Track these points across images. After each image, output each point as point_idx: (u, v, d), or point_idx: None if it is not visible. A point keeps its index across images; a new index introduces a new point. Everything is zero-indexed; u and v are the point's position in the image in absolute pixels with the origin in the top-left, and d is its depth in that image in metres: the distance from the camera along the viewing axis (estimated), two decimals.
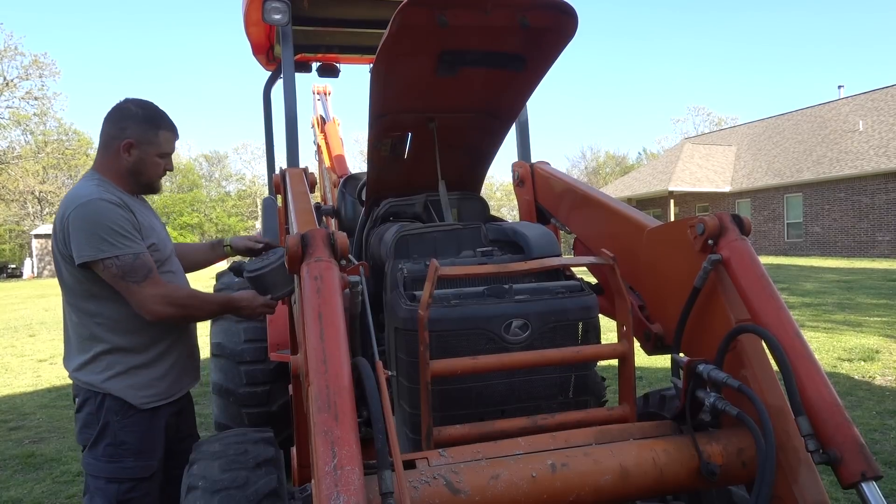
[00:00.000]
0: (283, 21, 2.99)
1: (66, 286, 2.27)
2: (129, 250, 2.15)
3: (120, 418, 2.26)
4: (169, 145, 2.41)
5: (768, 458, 1.39)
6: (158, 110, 2.40)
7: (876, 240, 23.65)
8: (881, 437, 4.46)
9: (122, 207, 2.20)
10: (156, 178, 2.41)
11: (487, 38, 2.15)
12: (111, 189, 2.26)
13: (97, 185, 2.24)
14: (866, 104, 28.05)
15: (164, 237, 2.44)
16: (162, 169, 2.41)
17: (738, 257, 1.73)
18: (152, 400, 2.32)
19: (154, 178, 2.40)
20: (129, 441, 2.25)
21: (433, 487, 1.37)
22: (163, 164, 2.40)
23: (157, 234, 2.37)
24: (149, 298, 2.16)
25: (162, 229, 2.48)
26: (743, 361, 1.64)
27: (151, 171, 2.37)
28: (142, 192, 2.43)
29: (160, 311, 2.18)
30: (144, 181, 2.38)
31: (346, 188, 3.86)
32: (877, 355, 7.01)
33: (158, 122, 2.37)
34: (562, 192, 2.70)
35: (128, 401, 2.26)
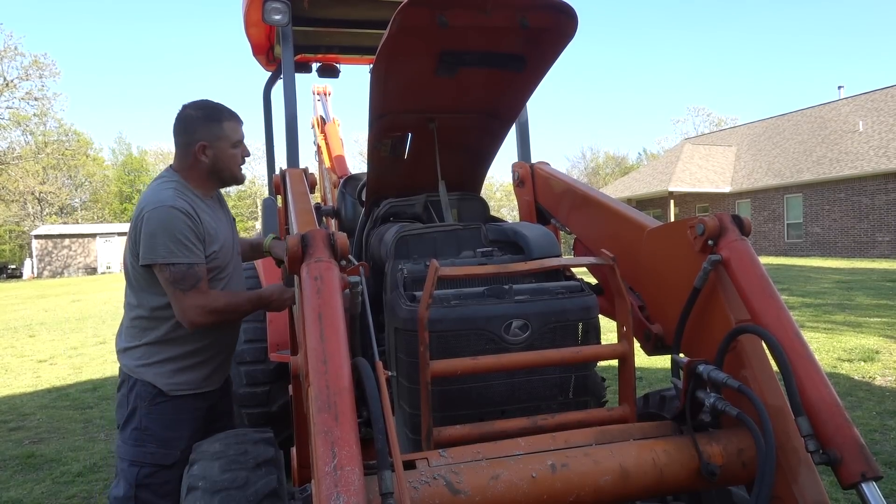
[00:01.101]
0: (283, 21, 2.99)
1: (128, 275, 2.43)
2: (185, 260, 2.28)
3: (147, 404, 2.35)
4: (236, 133, 2.49)
5: (768, 459, 1.40)
6: (214, 105, 2.49)
7: (876, 240, 23.65)
8: (881, 438, 4.46)
9: (191, 217, 2.32)
10: (236, 169, 2.52)
11: (487, 38, 2.15)
12: (187, 194, 2.39)
13: (174, 190, 2.35)
14: (866, 105, 28.06)
15: (228, 239, 2.53)
16: (240, 157, 2.52)
17: (738, 258, 1.73)
18: (182, 388, 2.41)
19: (235, 169, 2.52)
20: (153, 428, 2.33)
21: (433, 488, 1.37)
22: (239, 153, 2.51)
23: (221, 238, 2.47)
24: (189, 308, 2.28)
25: (228, 229, 2.56)
26: (743, 362, 1.64)
27: (230, 163, 2.49)
28: (226, 186, 2.58)
29: (197, 320, 2.30)
30: (227, 175, 2.51)
31: (347, 188, 3.86)
32: (877, 356, 7.01)
33: (218, 115, 2.46)
34: (562, 193, 2.70)
35: (157, 386, 2.37)
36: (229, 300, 2.40)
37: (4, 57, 38.49)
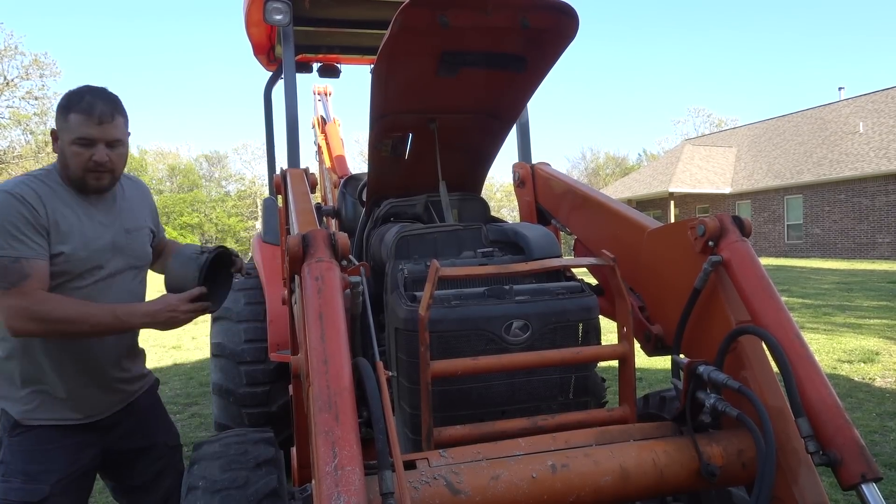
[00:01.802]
0: (284, 21, 3.00)
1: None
2: (9, 252, 1.95)
3: (7, 436, 2.11)
4: (80, 128, 2.03)
5: (768, 460, 1.40)
6: (77, 92, 2.08)
7: (876, 241, 23.65)
8: (881, 439, 4.46)
9: (30, 206, 1.99)
10: (78, 171, 2.06)
11: (488, 38, 2.15)
12: (48, 184, 2.07)
13: (32, 177, 2.07)
14: (867, 106, 28.06)
15: (99, 245, 2.15)
16: (84, 160, 2.05)
17: (739, 259, 1.73)
18: (36, 418, 2.12)
19: (76, 169, 2.06)
20: (15, 461, 2.07)
21: (433, 488, 1.37)
22: (85, 154, 2.05)
23: (80, 241, 2.09)
24: (7, 310, 1.95)
25: (104, 234, 2.18)
26: (743, 363, 1.64)
27: (71, 161, 2.06)
28: (78, 189, 2.13)
29: (17, 325, 1.97)
30: (71, 175, 2.09)
31: (347, 189, 3.86)
32: (877, 357, 7.01)
33: (69, 104, 2.04)
34: (562, 193, 2.70)
35: (11, 414, 2.11)
36: (64, 308, 1.99)
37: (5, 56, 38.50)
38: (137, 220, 2.33)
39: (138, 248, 2.32)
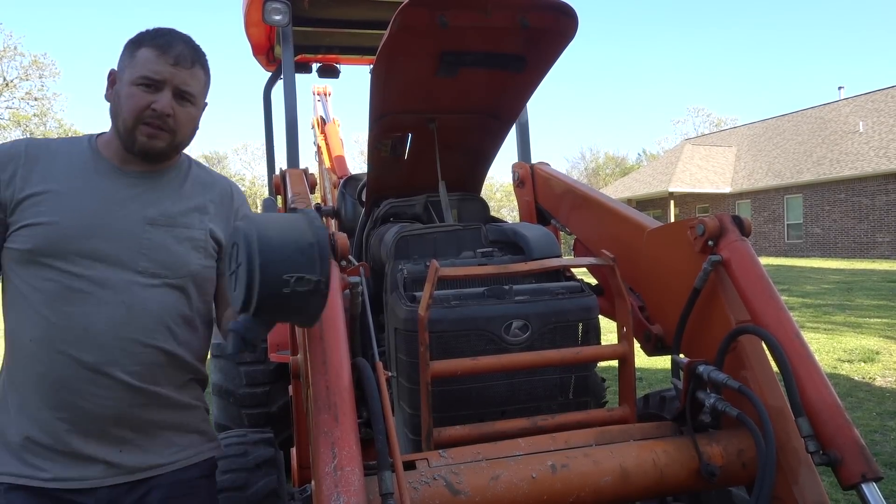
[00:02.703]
0: (283, 22, 3.00)
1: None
2: None
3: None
4: (148, 65, 1.52)
5: (768, 459, 1.40)
6: (157, 29, 1.60)
7: (876, 241, 23.65)
8: (881, 439, 4.46)
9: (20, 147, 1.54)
10: (129, 118, 1.52)
11: (488, 38, 2.15)
12: (72, 145, 1.61)
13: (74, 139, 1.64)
14: (866, 105, 28.06)
15: (95, 223, 1.50)
16: (142, 105, 1.51)
17: (739, 258, 1.73)
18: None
19: (127, 116, 1.52)
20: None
21: (433, 488, 1.37)
22: (144, 99, 1.51)
23: (72, 212, 1.49)
24: None
25: (113, 217, 1.53)
26: (743, 362, 1.64)
27: (125, 105, 1.53)
28: (131, 150, 1.57)
29: None
30: (120, 125, 1.55)
31: (347, 189, 3.86)
32: (877, 356, 7.01)
33: (143, 39, 1.57)
34: (562, 193, 2.70)
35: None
36: None
37: (4, 57, 38.51)
38: (188, 217, 1.61)
39: (172, 252, 1.56)
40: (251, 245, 1.17)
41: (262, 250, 1.16)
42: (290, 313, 1.26)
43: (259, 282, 1.15)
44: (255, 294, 1.16)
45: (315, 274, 1.17)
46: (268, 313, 1.21)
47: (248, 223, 1.21)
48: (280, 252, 1.17)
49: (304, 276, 1.16)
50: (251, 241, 1.17)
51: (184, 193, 1.64)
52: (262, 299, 1.16)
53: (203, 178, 1.72)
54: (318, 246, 1.20)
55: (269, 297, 1.16)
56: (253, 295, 1.16)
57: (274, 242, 1.18)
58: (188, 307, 1.59)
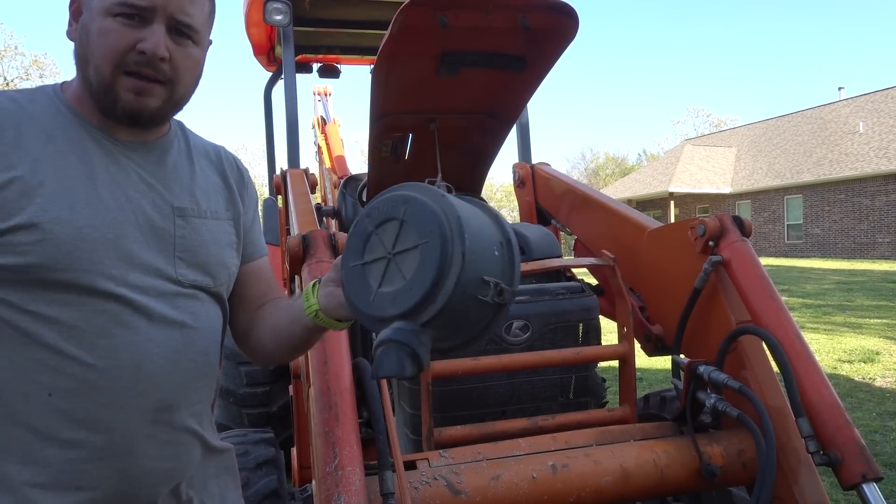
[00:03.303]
0: (284, 22, 3.00)
1: None
2: None
3: None
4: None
5: (769, 460, 1.40)
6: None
7: (876, 241, 23.65)
8: (881, 439, 4.46)
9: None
10: (106, 66, 1.02)
11: (488, 39, 2.15)
12: (34, 97, 1.09)
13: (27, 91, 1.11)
14: (866, 106, 28.06)
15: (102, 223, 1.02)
16: (122, 46, 1.02)
17: (739, 258, 1.73)
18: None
19: (102, 63, 1.02)
20: None
21: (434, 488, 1.37)
22: (125, 36, 1.02)
23: (69, 207, 1.00)
24: None
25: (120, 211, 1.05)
26: (743, 363, 1.64)
27: (97, 47, 1.03)
28: (110, 112, 1.07)
29: None
30: (92, 76, 1.04)
31: (347, 189, 3.86)
32: (877, 357, 7.01)
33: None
34: (562, 194, 2.70)
35: None
36: None
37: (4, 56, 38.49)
38: (212, 201, 1.20)
39: (211, 253, 1.15)
40: (451, 225, 0.83)
41: (468, 236, 0.83)
42: (463, 330, 0.89)
43: (457, 280, 0.81)
44: (443, 295, 0.82)
45: (512, 284, 0.89)
46: (440, 326, 0.85)
47: (426, 190, 0.89)
48: (482, 245, 0.86)
49: (502, 286, 0.86)
50: (451, 219, 0.83)
51: (197, 171, 1.20)
52: (450, 304, 0.82)
53: (201, 145, 1.27)
54: (512, 247, 0.91)
55: (459, 302, 0.83)
56: (437, 295, 0.82)
57: (475, 230, 0.85)
58: (224, 323, 1.22)
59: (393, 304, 0.85)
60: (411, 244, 0.86)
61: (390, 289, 0.86)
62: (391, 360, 0.82)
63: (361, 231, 0.93)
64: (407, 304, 0.84)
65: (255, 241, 1.30)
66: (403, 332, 0.83)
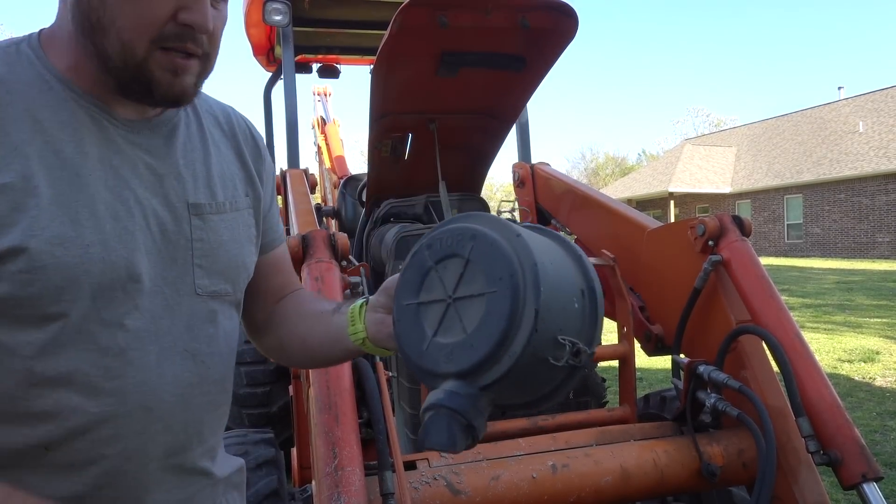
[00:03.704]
0: (283, 22, 3.00)
1: None
2: None
3: None
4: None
5: (769, 459, 1.40)
6: None
7: (876, 241, 23.65)
8: (881, 439, 4.46)
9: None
10: (142, 42, 0.80)
11: (488, 39, 2.16)
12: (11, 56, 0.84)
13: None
14: (866, 105, 28.06)
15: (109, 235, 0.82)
16: (159, 13, 0.80)
17: (739, 258, 1.73)
18: None
19: (134, 38, 0.80)
20: None
21: (434, 488, 1.37)
22: (164, 6, 0.80)
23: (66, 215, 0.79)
24: None
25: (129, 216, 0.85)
26: (743, 362, 1.64)
27: (124, 17, 0.80)
28: (140, 95, 0.85)
29: None
30: (112, 51, 0.81)
31: (347, 189, 3.87)
32: (877, 356, 7.01)
33: None
34: (562, 193, 2.70)
35: None
36: None
37: None
38: (229, 188, 1.00)
39: (230, 254, 0.97)
40: (525, 273, 0.70)
41: (544, 288, 0.70)
42: (527, 393, 0.77)
43: (526, 341, 0.68)
44: (509, 357, 0.69)
45: (592, 343, 0.75)
46: (501, 390, 0.72)
47: (498, 226, 0.76)
48: (560, 297, 0.72)
49: (580, 346, 0.72)
50: (526, 266, 0.70)
51: (212, 149, 0.99)
52: (516, 367, 0.69)
53: (209, 109, 1.04)
54: (596, 297, 0.77)
55: (527, 366, 0.70)
56: (502, 356, 0.69)
57: (552, 277, 0.72)
58: (238, 328, 1.06)
59: (449, 360, 0.72)
60: (476, 291, 0.73)
61: (447, 340, 0.73)
62: (441, 430, 0.70)
63: (419, 264, 0.78)
64: (465, 363, 0.71)
65: (275, 226, 1.11)
66: (458, 399, 0.70)
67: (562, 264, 0.77)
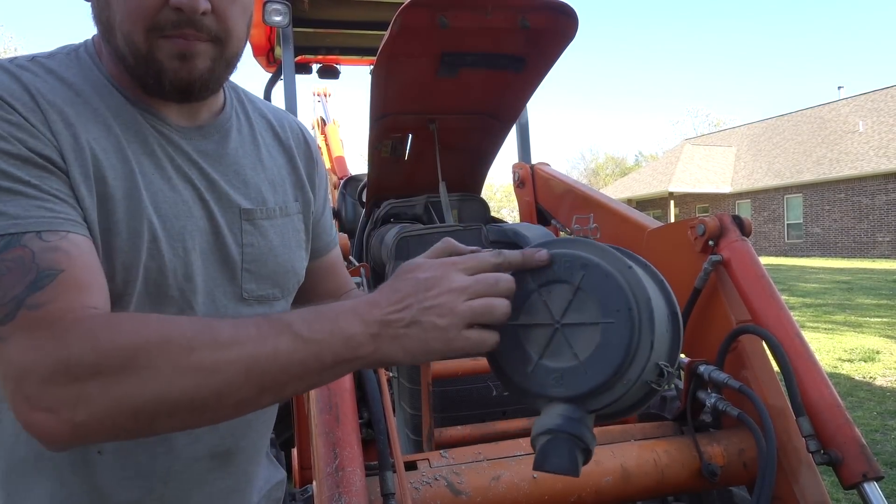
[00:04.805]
0: (283, 23, 3.00)
1: None
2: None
3: None
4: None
5: (769, 459, 1.40)
6: None
7: (876, 240, 23.66)
8: (882, 438, 4.46)
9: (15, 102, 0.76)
10: (138, 31, 0.80)
11: (488, 39, 2.16)
12: (69, 66, 0.85)
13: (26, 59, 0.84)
14: (866, 105, 28.07)
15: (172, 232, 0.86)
16: (153, 5, 0.79)
17: (739, 258, 1.73)
18: None
19: (132, 29, 0.80)
20: None
21: (434, 488, 1.37)
22: None
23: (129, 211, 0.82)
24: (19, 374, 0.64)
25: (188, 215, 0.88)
26: (744, 362, 1.64)
27: (121, 9, 0.80)
28: (154, 88, 0.85)
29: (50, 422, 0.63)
30: (122, 45, 0.82)
31: (347, 189, 3.87)
32: (877, 356, 7.01)
33: None
34: (562, 194, 2.71)
35: None
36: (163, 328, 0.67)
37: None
38: (279, 193, 1.01)
39: (280, 260, 0.99)
40: (640, 307, 0.73)
41: (657, 321, 0.74)
42: (616, 413, 0.79)
43: (641, 370, 0.72)
44: (623, 385, 0.72)
45: (674, 364, 0.78)
46: (611, 412, 0.76)
47: (608, 256, 0.77)
48: (661, 322, 0.76)
49: (669, 369, 0.75)
50: (641, 301, 0.73)
51: (264, 154, 1.00)
52: (627, 394, 0.73)
53: (262, 114, 1.05)
54: (678, 322, 0.80)
55: (634, 390, 0.73)
56: (616, 385, 0.72)
57: (660, 310, 0.76)
58: None
59: (560, 385, 0.73)
60: (588, 319, 0.74)
61: (556, 365, 0.74)
62: (562, 455, 0.72)
63: (520, 285, 0.77)
64: (580, 388, 0.72)
65: (328, 230, 1.13)
66: (574, 424, 0.72)
67: (654, 291, 0.79)
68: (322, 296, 1.12)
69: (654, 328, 0.72)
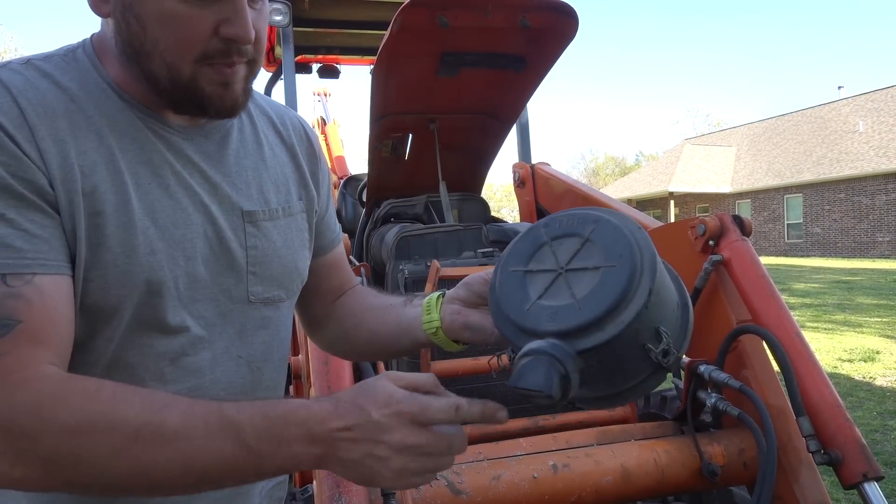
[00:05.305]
0: (283, 22, 3.00)
1: None
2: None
3: None
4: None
5: (770, 459, 1.40)
6: None
7: (876, 240, 23.66)
8: (882, 438, 4.46)
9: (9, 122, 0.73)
10: (186, 63, 0.79)
11: (488, 39, 2.16)
12: (67, 71, 0.82)
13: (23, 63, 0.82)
14: (866, 105, 28.07)
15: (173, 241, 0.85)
16: (199, 31, 0.78)
17: (739, 258, 1.73)
18: None
19: (179, 60, 0.79)
20: None
21: (434, 488, 1.37)
22: (199, 17, 0.78)
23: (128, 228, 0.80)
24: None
25: (189, 225, 0.86)
26: (744, 362, 1.64)
27: (165, 41, 0.78)
28: (191, 111, 0.85)
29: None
30: (159, 72, 0.80)
31: (347, 189, 3.87)
32: (877, 356, 7.01)
33: None
34: (562, 193, 2.71)
35: None
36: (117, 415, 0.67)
37: (5, 58, 38.55)
38: (282, 193, 1.00)
39: (283, 260, 0.98)
40: (643, 255, 0.77)
41: (657, 277, 0.77)
42: (611, 380, 0.79)
43: (635, 315, 0.72)
44: (615, 325, 0.72)
45: (680, 349, 0.79)
46: (594, 362, 0.74)
47: (620, 217, 0.84)
48: (666, 294, 0.80)
49: (672, 347, 0.77)
50: (645, 251, 0.78)
51: (266, 152, 0.98)
52: (617, 339, 0.72)
53: (264, 111, 1.03)
54: (689, 313, 0.83)
55: (626, 343, 0.73)
56: (608, 324, 0.72)
57: (663, 275, 0.81)
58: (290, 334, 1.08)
59: (552, 320, 0.74)
60: (591, 264, 0.76)
61: (552, 303, 0.76)
62: (538, 373, 0.71)
63: (533, 239, 0.82)
64: (570, 322, 0.73)
65: (332, 226, 1.12)
66: (559, 349, 0.72)
67: (667, 274, 0.82)
68: (328, 291, 1.13)
69: (654, 277, 0.74)
